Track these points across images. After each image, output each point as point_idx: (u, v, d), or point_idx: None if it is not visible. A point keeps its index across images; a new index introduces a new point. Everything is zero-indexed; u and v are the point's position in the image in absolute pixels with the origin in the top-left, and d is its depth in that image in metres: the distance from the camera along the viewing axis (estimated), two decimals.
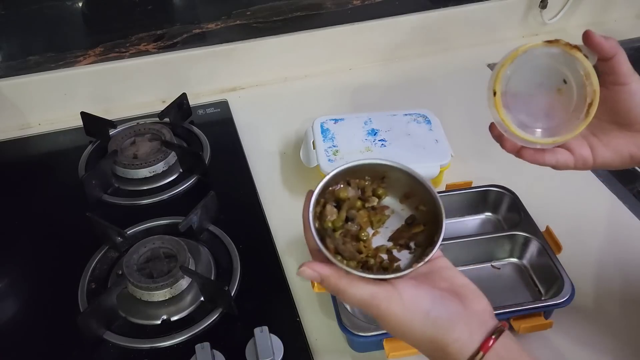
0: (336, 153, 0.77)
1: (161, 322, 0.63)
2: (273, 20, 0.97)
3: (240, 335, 0.60)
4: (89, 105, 0.91)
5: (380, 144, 0.78)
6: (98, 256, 0.70)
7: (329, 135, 0.79)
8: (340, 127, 0.81)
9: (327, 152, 0.77)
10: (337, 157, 0.76)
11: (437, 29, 1.07)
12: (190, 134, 0.90)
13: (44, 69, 0.90)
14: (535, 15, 1.11)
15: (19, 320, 0.65)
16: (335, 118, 0.82)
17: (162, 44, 0.94)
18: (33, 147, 0.90)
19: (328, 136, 0.79)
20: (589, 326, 0.63)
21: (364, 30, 1.02)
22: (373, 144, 0.78)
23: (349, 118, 0.83)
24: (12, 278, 0.70)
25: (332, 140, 0.79)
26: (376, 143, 0.78)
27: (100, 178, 0.79)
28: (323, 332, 0.63)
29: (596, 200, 0.78)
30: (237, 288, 0.66)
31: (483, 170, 0.80)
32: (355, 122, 0.82)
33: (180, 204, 0.76)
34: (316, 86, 1.01)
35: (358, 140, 0.79)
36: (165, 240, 0.68)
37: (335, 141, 0.79)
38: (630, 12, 1.19)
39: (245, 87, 1.01)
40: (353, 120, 0.82)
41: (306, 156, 0.80)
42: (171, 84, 0.96)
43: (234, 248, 0.70)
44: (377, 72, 1.04)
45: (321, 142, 0.78)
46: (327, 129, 0.81)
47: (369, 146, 0.78)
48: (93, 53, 0.92)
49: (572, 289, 0.60)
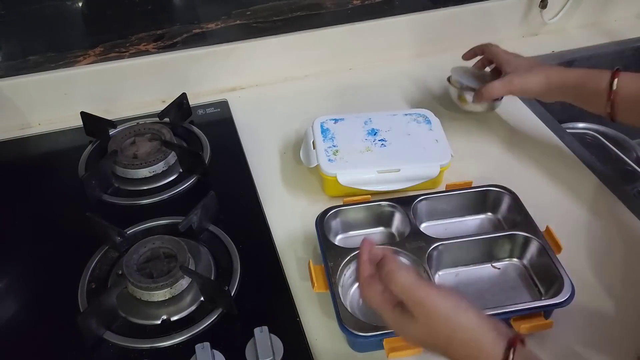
0: (336, 153, 0.77)
1: (161, 322, 0.63)
2: (273, 20, 0.97)
3: (240, 335, 0.60)
4: (89, 105, 0.91)
5: (380, 143, 0.79)
6: (98, 256, 0.70)
7: (329, 135, 0.80)
8: (340, 127, 0.81)
9: (327, 152, 0.77)
10: (337, 157, 0.76)
11: (437, 29, 1.07)
12: (190, 134, 0.90)
13: (44, 69, 0.90)
14: (535, 15, 1.11)
15: (19, 320, 0.65)
16: (335, 118, 0.83)
17: (162, 44, 0.94)
18: (33, 147, 0.90)
19: (328, 136, 0.79)
20: (589, 326, 0.63)
21: (364, 30, 1.02)
22: (373, 144, 0.78)
23: (349, 118, 0.83)
24: (12, 278, 0.70)
25: (332, 140, 0.79)
26: (376, 143, 0.79)
27: (100, 178, 0.79)
28: (323, 332, 0.63)
29: (596, 200, 0.78)
30: (237, 288, 0.66)
31: (483, 171, 0.80)
32: (355, 122, 0.82)
33: (180, 204, 0.76)
34: (316, 86, 1.01)
35: (358, 140, 0.79)
36: (165, 240, 0.68)
37: (335, 141, 0.79)
38: (630, 12, 1.19)
39: (245, 87, 1.01)
40: (353, 120, 0.82)
41: (306, 156, 0.80)
42: (171, 84, 0.96)
43: (234, 248, 0.70)
44: (377, 72, 1.04)
45: (321, 141, 0.79)
46: (327, 128, 0.81)
47: (369, 146, 0.78)
48: (93, 53, 0.92)
49: (572, 289, 0.60)
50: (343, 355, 0.61)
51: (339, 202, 0.72)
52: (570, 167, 0.83)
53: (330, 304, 0.61)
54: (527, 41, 1.12)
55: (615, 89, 0.70)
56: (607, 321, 0.64)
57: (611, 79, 0.71)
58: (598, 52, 1.10)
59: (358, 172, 0.75)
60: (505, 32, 1.11)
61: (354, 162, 0.76)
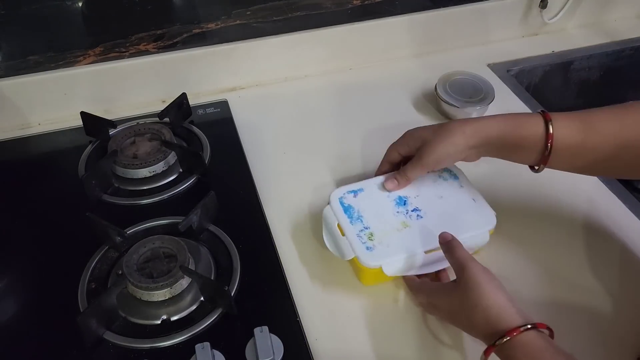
0: (371, 237, 0.65)
1: (161, 322, 0.63)
2: (273, 20, 0.97)
3: (240, 335, 0.60)
4: (89, 105, 0.91)
5: (415, 215, 0.68)
6: (98, 256, 0.70)
7: (354, 214, 0.68)
8: (363, 201, 0.70)
9: (360, 237, 0.65)
10: (374, 243, 0.65)
11: (437, 29, 1.07)
12: (190, 134, 0.90)
13: (44, 69, 0.90)
14: (535, 15, 1.11)
15: (19, 320, 0.65)
16: (353, 190, 0.71)
17: (162, 44, 0.94)
18: (33, 147, 0.90)
19: (354, 215, 0.68)
20: (589, 326, 0.63)
21: (364, 30, 1.02)
22: (408, 217, 0.68)
23: (368, 186, 0.71)
24: (12, 278, 0.70)
25: (361, 221, 0.67)
26: (410, 215, 0.68)
27: (100, 178, 0.79)
28: (323, 332, 0.63)
29: (596, 200, 0.78)
30: (237, 288, 0.66)
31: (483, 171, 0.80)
32: (377, 191, 0.71)
33: (180, 204, 0.76)
34: (316, 86, 1.01)
35: (389, 214, 0.68)
36: (165, 240, 0.68)
37: (365, 221, 0.67)
38: (630, 12, 1.19)
39: (245, 87, 1.01)
40: (374, 189, 0.71)
41: (335, 245, 0.67)
42: (171, 84, 0.96)
43: (234, 248, 0.70)
44: (377, 72, 1.04)
45: (349, 225, 0.66)
46: (349, 205, 0.69)
47: (404, 220, 0.68)
48: (93, 53, 0.92)
49: None
50: (343, 356, 0.61)
51: None
52: None
53: (331, 304, 0.61)
54: (527, 41, 1.12)
55: (552, 132, 0.61)
56: (607, 321, 0.64)
57: (545, 123, 0.62)
58: (598, 52, 1.10)
59: (404, 258, 0.64)
60: (505, 32, 1.11)
61: (397, 246, 0.65)
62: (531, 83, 1.08)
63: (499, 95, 0.91)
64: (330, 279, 0.68)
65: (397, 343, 0.62)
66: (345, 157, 0.86)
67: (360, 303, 0.66)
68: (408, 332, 0.63)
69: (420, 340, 0.62)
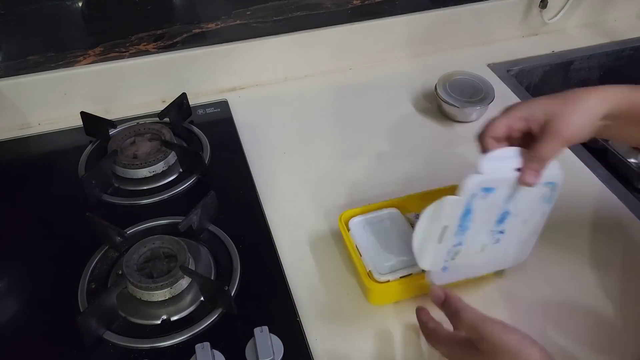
0: (456, 256, 0.58)
1: (161, 322, 0.63)
2: (273, 20, 0.97)
3: (240, 335, 0.60)
4: (89, 105, 0.91)
5: (497, 238, 0.60)
6: (98, 256, 0.70)
7: (465, 223, 0.57)
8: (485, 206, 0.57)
9: (449, 253, 0.58)
10: (453, 262, 0.58)
11: (437, 29, 1.07)
12: (190, 134, 0.90)
13: (44, 69, 0.90)
14: (535, 15, 1.11)
15: (18, 320, 0.65)
16: (488, 187, 0.56)
17: (162, 44, 0.94)
18: (33, 147, 0.90)
19: (465, 223, 0.57)
20: (589, 326, 0.63)
21: (364, 30, 1.02)
22: (491, 238, 0.60)
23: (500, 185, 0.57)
24: (12, 278, 0.70)
25: (464, 233, 0.57)
26: (494, 236, 0.60)
27: (100, 178, 0.79)
28: (323, 332, 0.63)
29: (596, 200, 0.78)
30: (237, 288, 0.66)
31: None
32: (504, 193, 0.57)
33: (180, 204, 0.76)
34: (316, 86, 1.01)
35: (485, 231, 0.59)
36: (165, 240, 0.68)
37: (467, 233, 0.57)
38: (630, 12, 1.19)
39: (245, 87, 1.01)
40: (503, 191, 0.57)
41: (422, 244, 0.57)
42: (171, 84, 0.96)
43: (234, 248, 0.70)
44: (377, 72, 1.04)
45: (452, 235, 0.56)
46: (470, 209, 0.56)
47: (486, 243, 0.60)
48: (93, 53, 0.92)
49: None
50: (343, 356, 0.61)
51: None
52: (570, 167, 0.83)
53: (331, 304, 0.61)
54: (527, 41, 1.12)
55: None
56: (608, 321, 0.64)
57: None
58: (598, 52, 1.10)
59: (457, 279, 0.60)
60: (505, 32, 1.11)
61: (465, 271, 0.60)
62: (531, 83, 1.08)
63: (499, 95, 0.92)
64: (331, 279, 0.68)
65: (397, 343, 0.62)
66: (345, 157, 0.86)
67: (360, 303, 0.66)
68: (408, 332, 0.63)
69: (421, 340, 0.62)
